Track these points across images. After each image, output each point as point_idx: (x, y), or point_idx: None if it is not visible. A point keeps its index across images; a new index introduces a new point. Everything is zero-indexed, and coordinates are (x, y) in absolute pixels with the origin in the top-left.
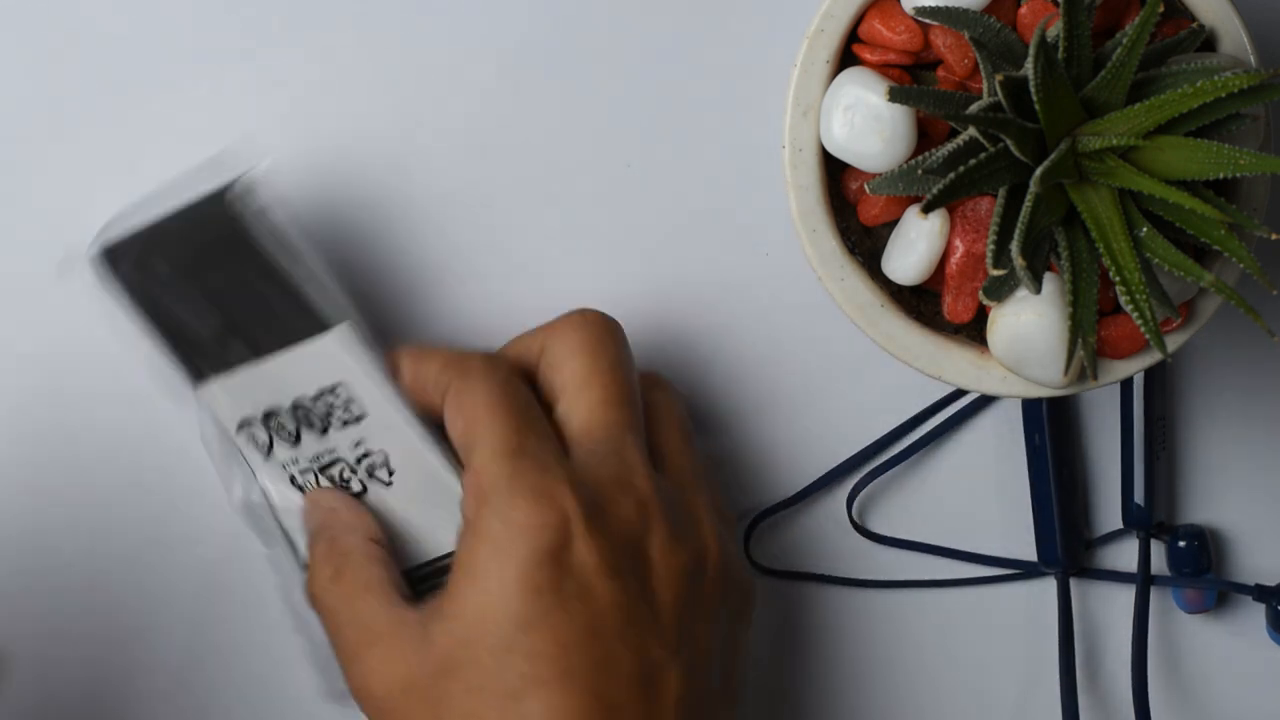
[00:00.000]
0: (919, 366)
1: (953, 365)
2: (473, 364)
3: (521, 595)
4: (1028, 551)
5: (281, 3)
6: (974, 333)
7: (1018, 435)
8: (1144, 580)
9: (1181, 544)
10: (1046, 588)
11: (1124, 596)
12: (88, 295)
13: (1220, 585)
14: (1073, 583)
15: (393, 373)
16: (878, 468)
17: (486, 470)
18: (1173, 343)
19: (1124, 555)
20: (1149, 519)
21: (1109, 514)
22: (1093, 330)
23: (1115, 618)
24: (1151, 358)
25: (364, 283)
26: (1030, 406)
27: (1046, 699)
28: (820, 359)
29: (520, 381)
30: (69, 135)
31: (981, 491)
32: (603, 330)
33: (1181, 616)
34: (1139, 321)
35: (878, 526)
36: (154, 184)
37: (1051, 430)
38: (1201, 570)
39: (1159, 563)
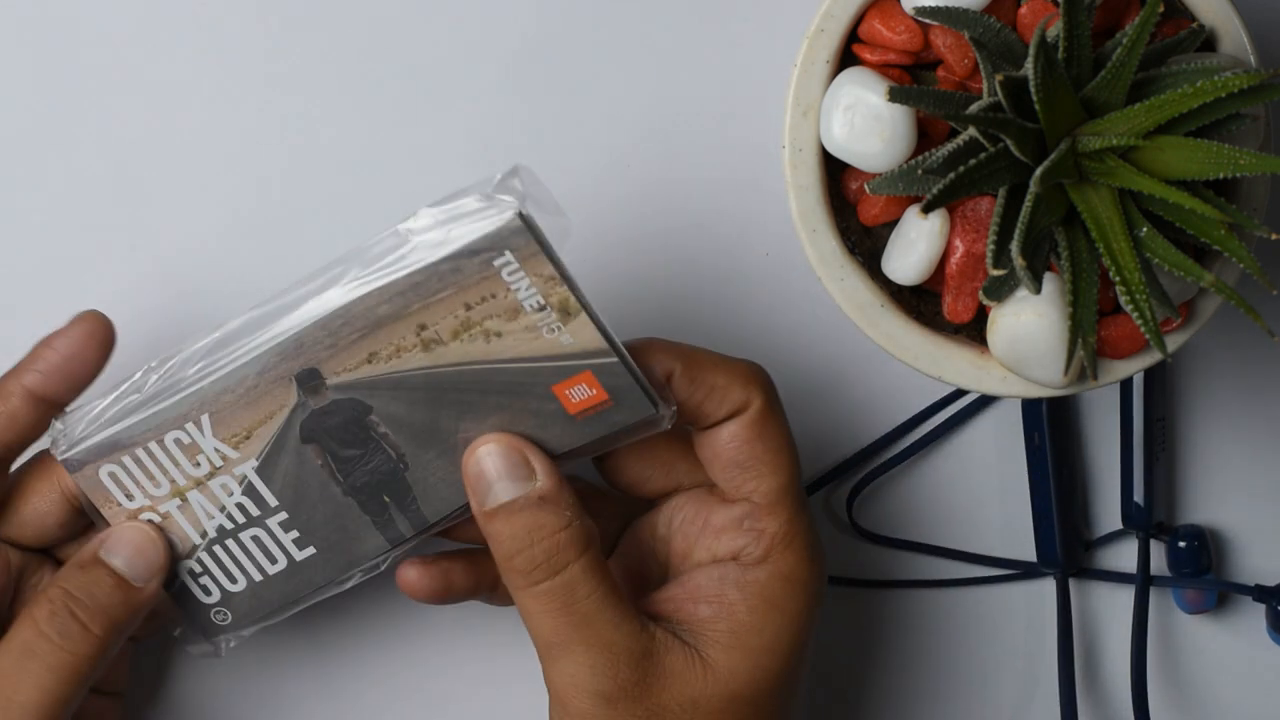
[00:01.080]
0: (919, 366)
1: (953, 365)
2: (774, 396)
3: (813, 624)
4: (1027, 552)
5: (282, 3)
6: (974, 333)
7: (1018, 435)
8: (1143, 580)
9: (1181, 544)
10: (1046, 588)
11: (1124, 597)
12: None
13: (1220, 586)
14: (1072, 583)
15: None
16: (877, 468)
17: (788, 512)
18: (1173, 343)
19: (1124, 556)
20: (1148, 519)
21: (1109, 514)
22: (1093, 330)
23: (1115, 618)
24: (1151, 358)
25: None
26: (1030, 406)
27: (1046, 699)
28: (820, 359)
29: None
30: (68, 136)
31: (981, 492)
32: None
33: (1181, 617)
34: (1139, 321)
35: (877, 526)
36: (154, 183)
37: (1051, 430)
38: (1202, 570)
39: (1159, 563)
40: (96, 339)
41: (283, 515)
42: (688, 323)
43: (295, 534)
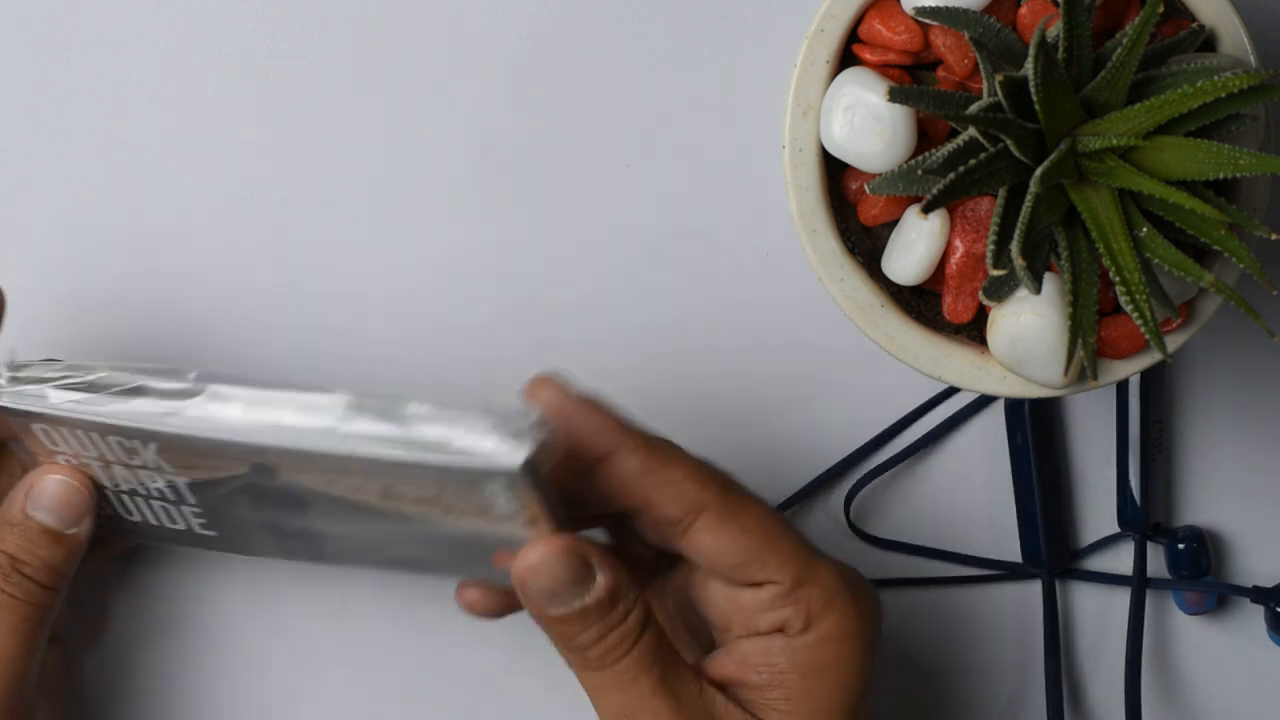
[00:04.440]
0: (919, 366)
1: (953, 365)
2: (731, 484)
3: (870, 671)
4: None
5: (281, 4)
6: (974, 333)
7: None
8: (1140, 582)
9: (1181, 546)
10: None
11: (1125, 599)
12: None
13: (1217, 588)
14: (1072, 585)
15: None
16: (876, 468)
17: (823, 580)
18: (1173, 343)
19: (1122, 559)
20: (1144, 521)
21: (1107, 517)
22: (1093, 330)
23: (1115, 620)
24: (1151, 358)
25: (364, 281)
26: (1013, 407)
27: (1041, 699)
28: (820, 359)
29: None
30: (67, 138)
31: (977, 492)
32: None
33: (1178, 618)
34: (1139, 321)
35: (876, 526)
36: (154, 187)
37: (1034, 430)
38: (1201, 572)
39: (1157, 565)
40: None
41: (197, 509)
42: (687, 322)
43: (203, 521)
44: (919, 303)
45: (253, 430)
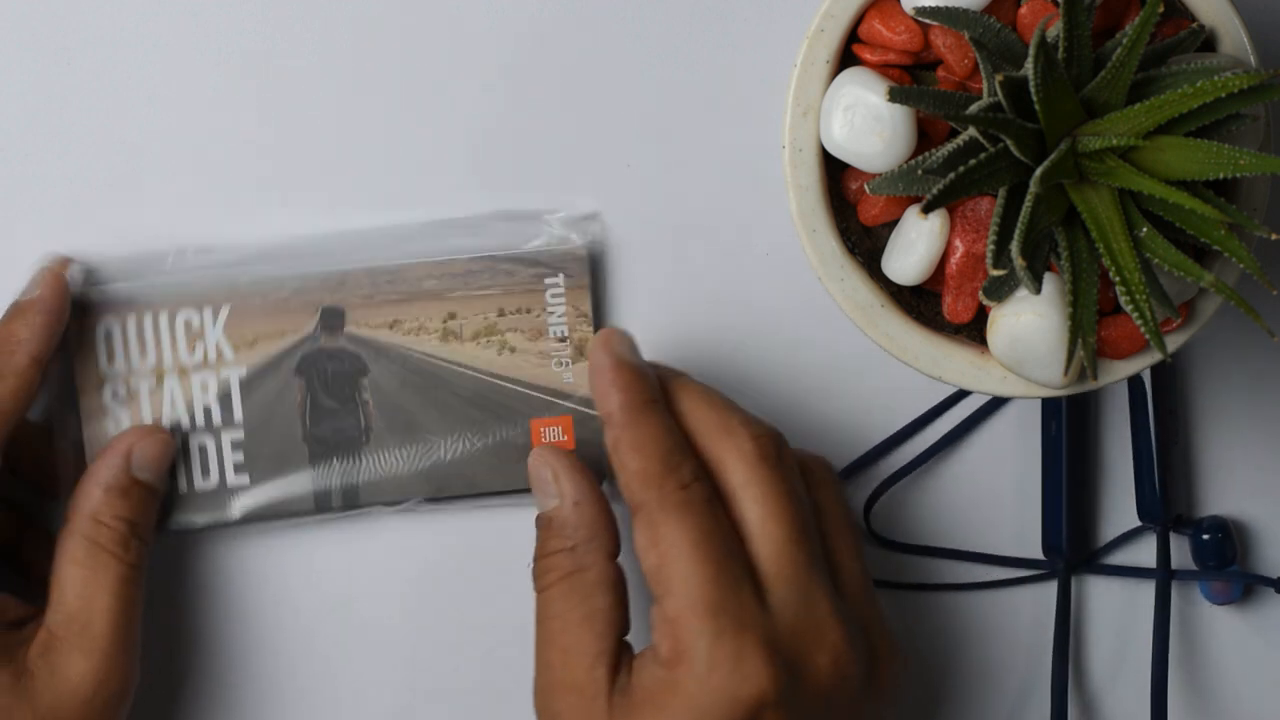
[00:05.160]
0: (919, 367)
1: (953, 365)
2: (672, 491)
3: None
4: (1040, 552)
5: (281, 4)
6: (974, 333)
7: (1031, 439)
8: (1165, 572)
9: (1205, 536)
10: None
11: (1148, 593)
12: None
13: (1243, 578)
14: (1096, 581)
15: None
16: (897, 472)
17: (685, 624)
18: (1173, 343)
19: (1145, 555)
20: (1164, 512)
21: (1129, 514)
22: (1093, 330)
23: (1141, 614)
24: (1151, 358)
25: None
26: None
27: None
28: (820, 359)
29: (720, 513)
30: (67, 138)
31: (998, 492)
32: (778, 447)
33: (1203, 610)
34: (1139, 321)
35: (893, 528)
36: (148, 189)
37: (1069, 419)
38: (1226, 562)
39: (1181, 560)
40: (66, 293)
41: (239, 434)
42: (687, 322)
43: (239, 457)
44: (919, 303)
45: (330, 255)
